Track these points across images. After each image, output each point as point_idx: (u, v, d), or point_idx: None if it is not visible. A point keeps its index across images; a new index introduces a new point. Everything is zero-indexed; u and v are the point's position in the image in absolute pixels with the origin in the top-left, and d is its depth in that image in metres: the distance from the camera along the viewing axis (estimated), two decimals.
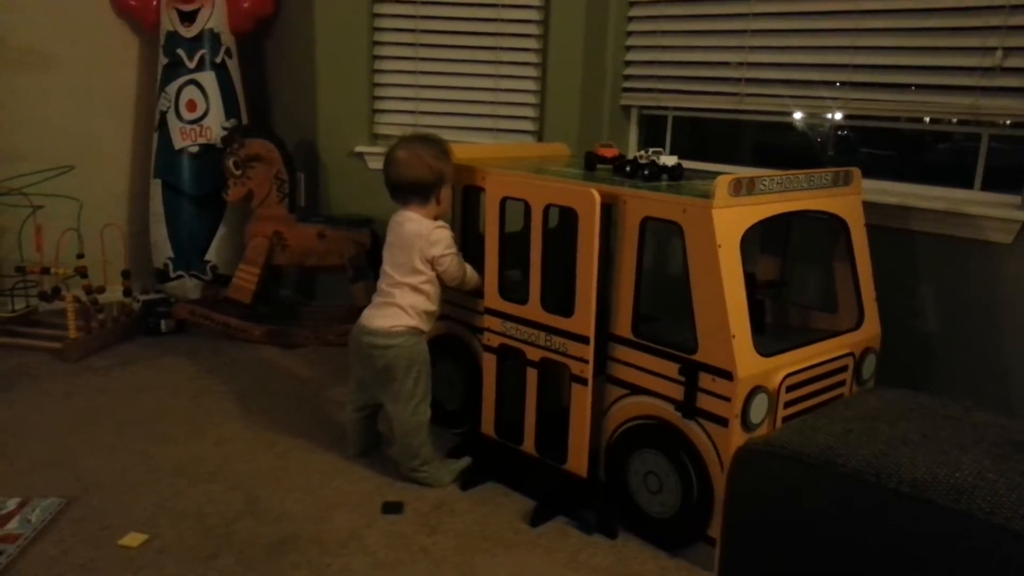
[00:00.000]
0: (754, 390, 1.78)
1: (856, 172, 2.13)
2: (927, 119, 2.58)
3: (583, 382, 1.99)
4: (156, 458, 2.28)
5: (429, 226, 2.14)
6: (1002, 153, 2.40)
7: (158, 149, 3.45)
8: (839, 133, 3.05)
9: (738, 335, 1.76)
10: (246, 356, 3.11)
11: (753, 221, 1.84)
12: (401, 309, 2.13)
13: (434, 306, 2.19)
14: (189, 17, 3.36)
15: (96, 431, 2.43)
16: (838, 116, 2.67)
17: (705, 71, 2.83)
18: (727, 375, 1.76)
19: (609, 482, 2.04)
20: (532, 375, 2.11)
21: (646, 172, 2.04)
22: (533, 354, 2.09)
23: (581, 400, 2.00)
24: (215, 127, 3.39)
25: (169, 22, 3.38)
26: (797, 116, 2.79)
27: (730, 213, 1.78)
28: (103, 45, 3.54)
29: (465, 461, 2.24)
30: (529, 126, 3.25)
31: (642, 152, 2.08)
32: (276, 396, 2.74)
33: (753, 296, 1.89)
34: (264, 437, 2.43)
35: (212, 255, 3.48)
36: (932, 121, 2.60)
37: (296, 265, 3.47)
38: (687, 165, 2.12)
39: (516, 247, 2.10)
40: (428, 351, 2.18)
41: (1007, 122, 2.30)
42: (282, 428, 2.49)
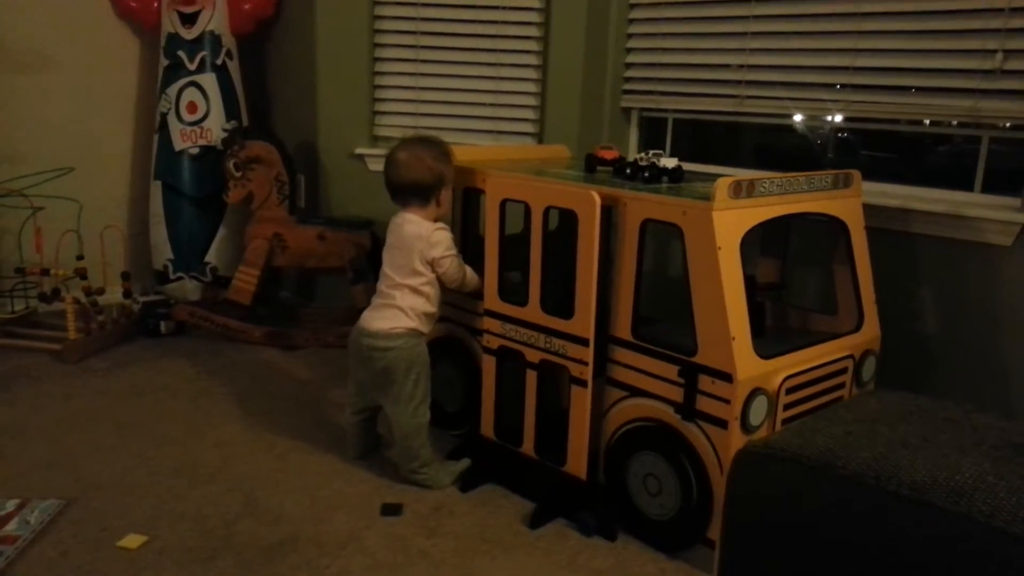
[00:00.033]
0: (754, 392, 1.78)
1: (856, 174, 2.13)
2: (927, 121, 2.58)
3: (583, 384, 1.99)
4: (155, 460, 2.28)
5: (429, 228, 2.14)
6: (1002, 155, 2.40)
7: (158, 151, 3.45)
8: (839, 135, 3.06)
9: (738, 337, 1.75)
10: (246, 358, 3.11)
11: (753, 223, 1.84)
12: (401, 311, 2.13)
13: (434, 308, 2.19)
14: (190, 19, 3.36)
15: (95, 432, 2.43)
16: (838, 118, 2.66)
17: (705, 73, 2.83)
18: (727, 377, 1.76)
19: (608, 484, 2.03)
20: (532, 377, 2.11)
21: (646, 174, 2.04)
22: (533, 356, 2.09)
23: (581, 402, 2.00)
24: (215, 129, 3.40)
25: (170, 24, 3.38)
26: (797, 118, 2.79)
27: (730, 215, 1.78)
28: (104, 46, 3.54)
29: (464, 463, 2.24)
30: (529, 128, 3.25)
31: (642, 154, 2.09)
32: (275, 398, 2.74)
33: (753, 298, 1.89)
34: (263, 439, 2.43)
35: (212, 257, 3.48)
36: (932, 123, 2.60)
37: (296, 267, 3.47)
38: (687, 167, 2.12)
39: (516, 249, 2.10)
40: (428, 353, 2.18)
41: (1007, 124, 2.30)
42: (281, 430, 2.49)
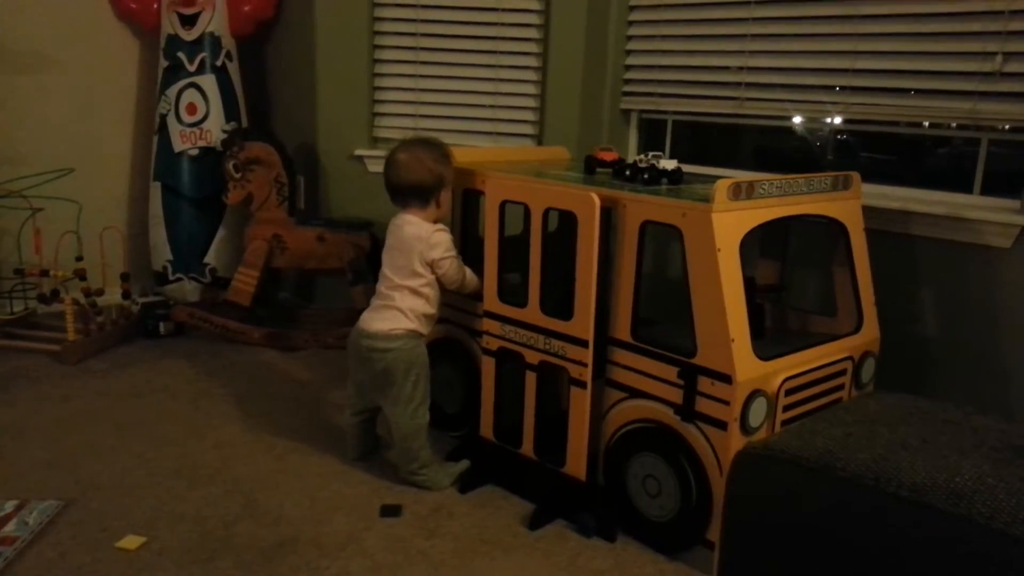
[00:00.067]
0: (753, 394, 1.78)
1: (856, 176, 2.13)
2: (926, 123, 2.58)
3: (582, 385, 1.99)
4: (155, 461, 2.28)
5: (429, 229, 2.14)
6: (1001, 158, 2.40)
7: (158, 152, 3.45)
8: (839, 137, 3.06)
9: (737, 339, 1.75)
10: (245, 359, 3.11)
11: (752, 225, 1.84)
12: (400, 312, 2.13)
13: (433, 309, 2.19)
14: (190, 20, 3.36)
15: (94, 433, 2.43)
16: (838, 120, 2.67)
17: (705, 75, 2.84)
18: (726, 379, 1.76)
19: (608, 485, 2.03)
20: (531, 378, 2.11)
21: (646, 176, 2.04)
22: (532, 357, 2.09)
23: (580, 403, 2.00)
24: (215, 130, 3.40)
25: (170, 25, 3.38)
26: (797, 120, 2.79)
27: (729, 217, 1.78)
28: (103, 48, 3.54)
29: (464, 464, 2.24)
30: (529, 130, 3.25)
31: (642, 156, 2.09)
32: (275, 399, 2.74)
33: (752, 300, 1.89)
34: (263, 440, 2.43)
35: (211, 258, 3.48)
36: (931, 125, 2.60)
37: (295, 268, 3.47)
38: (687, 169, 2.12)
39: (515, 250, 2.10)
40: (427, 354, 2.17)
41: (1006, 127, 2.30)
42: (281, 431, 2.49)
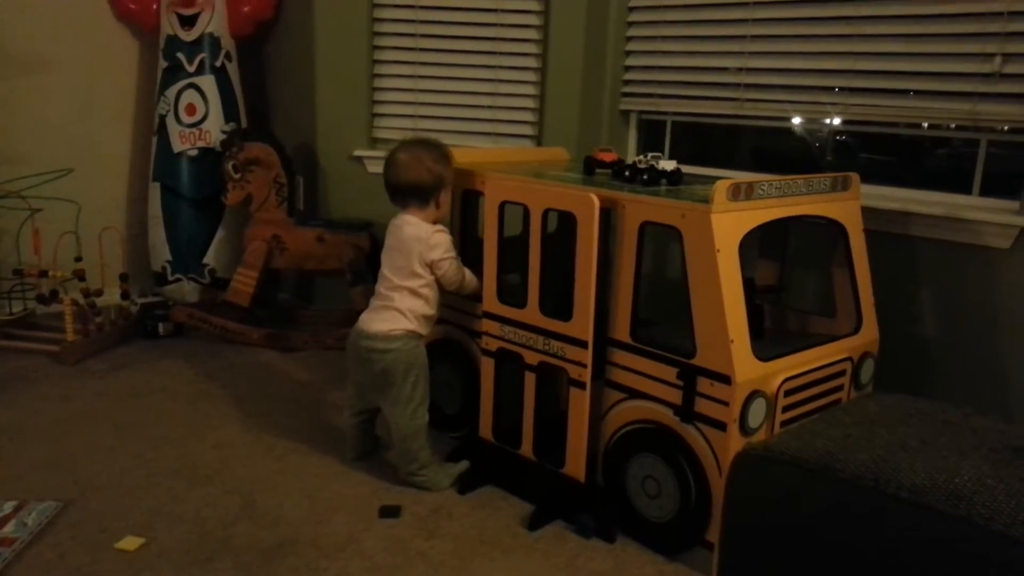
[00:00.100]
0: (752, 395, 1.78)
1: (855, 177, 2.13)
2: (926, 125, 2.58)
3: (581, 386, 1.99)
4: (154, 462, 2.28)
5: (428, 230, 2.14)
6: (1000, 159, 2.40)
7: (157, 152, 3.45)
8: (838, 138, 3.06)
9: (736, 340, 1.75)
10: (244, 360, 3.10)
11: (752, 226, 1.84)
12: (400, 313, 2.13)
13: (432, 310, 2.19)
14: (189, 21, 3.36)
15: (94, 434, 2.42)
16: (837, 121, 2.67)
17: (704, 76, 2.84)
18: (725, 379, 1.75)
19: (607, 486, 2.03)
20: (530, 379, 2.11)
21: (645, 177, 2.04)
22: (531, 358, 2.09)
23: (579, 404, 2.00)
24: (214, 131, 3.39)
25: (169, 26, 3.38)
26: (796, 121, 2.79)
27: (729, 218, 1.78)
28: (103, 48, 3.54)
29: (463, 465, 2.24)
30: (528, 130, 3.25)
31: (641, 157, 2.09)
32: (274, 400, 2.74)
33: (752, 301, 1.89)
34: (262, 441, 2.43)
35: (210, 258, 3.48)
36: (931, 127, 2.60)
37: (295, 269, 3.47)
38: (686, 170, 2.12)
39: (515, 251, 2.10)
40: (426, 355, 2.17)
41: (1005, 128, 2.31)
42: (280, 432, 2.49)
